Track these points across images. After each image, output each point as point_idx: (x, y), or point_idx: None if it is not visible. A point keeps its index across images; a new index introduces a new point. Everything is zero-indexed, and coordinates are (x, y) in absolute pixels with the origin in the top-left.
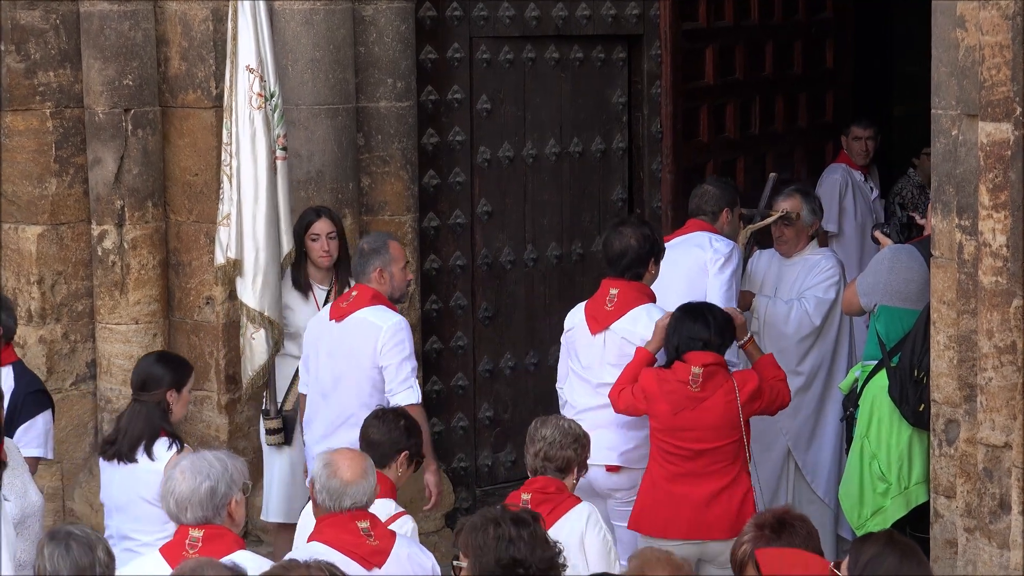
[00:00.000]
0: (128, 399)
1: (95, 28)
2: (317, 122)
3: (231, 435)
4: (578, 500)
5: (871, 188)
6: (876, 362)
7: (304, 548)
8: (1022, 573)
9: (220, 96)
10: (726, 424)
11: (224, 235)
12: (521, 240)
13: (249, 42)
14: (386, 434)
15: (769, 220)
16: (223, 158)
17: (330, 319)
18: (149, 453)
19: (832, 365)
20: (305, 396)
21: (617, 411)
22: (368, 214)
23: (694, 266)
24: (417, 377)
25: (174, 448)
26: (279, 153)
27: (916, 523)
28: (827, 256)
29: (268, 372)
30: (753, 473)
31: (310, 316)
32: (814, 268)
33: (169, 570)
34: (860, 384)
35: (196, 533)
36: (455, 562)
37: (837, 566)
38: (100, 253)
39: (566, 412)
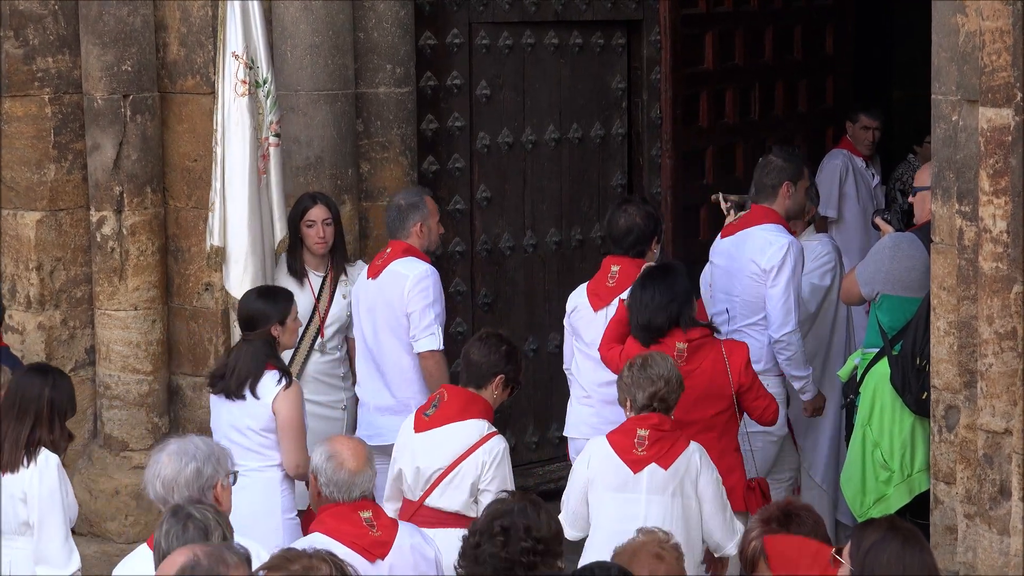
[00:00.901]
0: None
1: (94, 14)
2: (316, 108)
3: None
4: (688, 439)
5: (872, 175)
6: (877, 350)
7: (305, 539)
8: (1022, 559)
9: None
10: (713, 393)
11: (211, 222)
12: (520, 226)
13: (236, 29)
14: (486, 356)
15: None
16: (212, 144)
17: (368, 278)
18: (254, 391)
19: (828, 351)
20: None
21: (609, 367)
22: (367, 200)
23: (750, 278)
24: (442, 325)
25: (282, 383)
26: (272, 140)
27: (916, 510)
28: (823, 242)
29: None
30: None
31: (306, 303)
32: (810, 255)
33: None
34: (860, 372)
35: None
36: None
37: (839, 552)
38: (99, 239)
39: (575, 392)
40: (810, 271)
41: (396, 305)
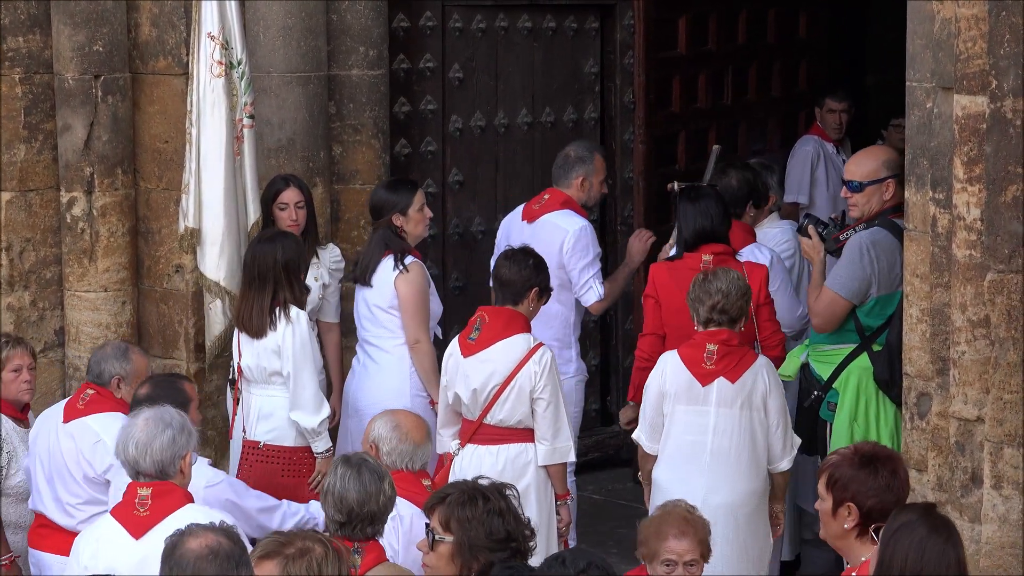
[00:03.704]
0: None
1: None
2: (288, 90)
3: (200, 403)
4: (756, 354)
5: (843, 160)
6: (833, 346)
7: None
8: (993, 547)
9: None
10: None
11: (184, 203)
12: (492, 210)
13: (212, 9)
14: (518, 273)
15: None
16: (186, 126)
17: (522, 219)
18: (377, 274)
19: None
20: None
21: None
22: (339, 183)
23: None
24: (599, 274)
25: (398, 269)
26: (246, 121)
27: None
28: (783, 229)
29: (225, 342)
30: None
31: None
32: (769, 241)
33: (123, 531)
34: (823, 369)
35: (144, 492)
36: (436, 535)
37: (876, 531)
38: (69, 220)
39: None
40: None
41: (551, 256)
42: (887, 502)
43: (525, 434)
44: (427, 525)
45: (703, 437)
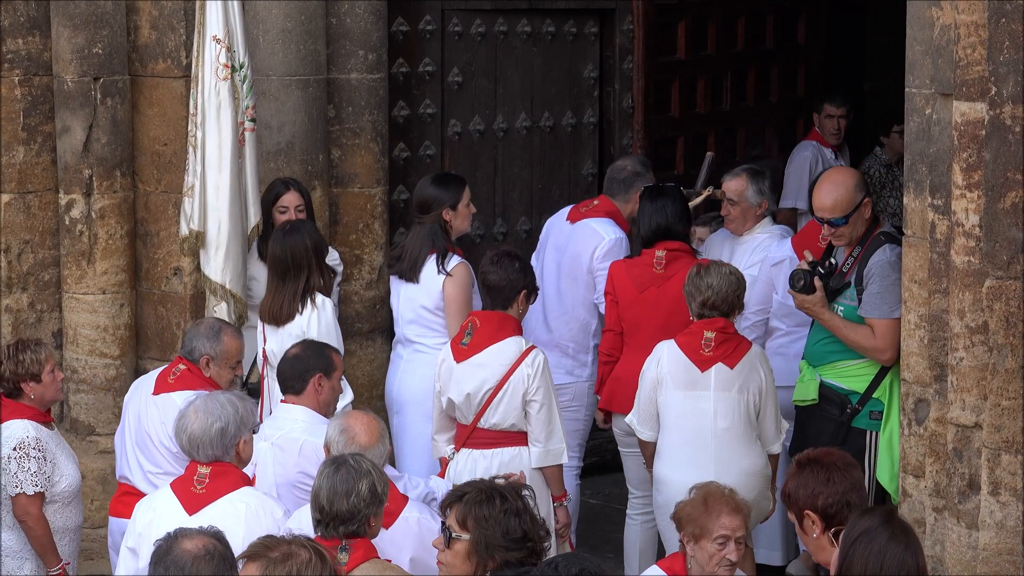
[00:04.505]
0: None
1: None
2: (287, 93)
3: None
4: (751, 342)
5: (841, 165)
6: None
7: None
8: (990, 554)
9: (190, 66)
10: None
11: (188, 206)
12: (491, 214)
13: (216, 12)
14: (506, 277)
15: (697, 200)
16: (189, 128)
17: (566, 219)
18: (423, 272)
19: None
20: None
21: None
22: (338, 186)
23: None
24: None
25: (443, 273)
26: (248, 125)
27: None
28: (773, 235)
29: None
30: None
31: None
32: (759, 247)
33: (179, 505)
34: (857, 383)
35: (204, 470)
36: (452, 533)
37: (836, 535)
38: (67, 222)
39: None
40: (758, 263)
41: (582, 257)
42: (834, 495)
43: (518, 437)
44: (443, 523)
45: (704, 421)
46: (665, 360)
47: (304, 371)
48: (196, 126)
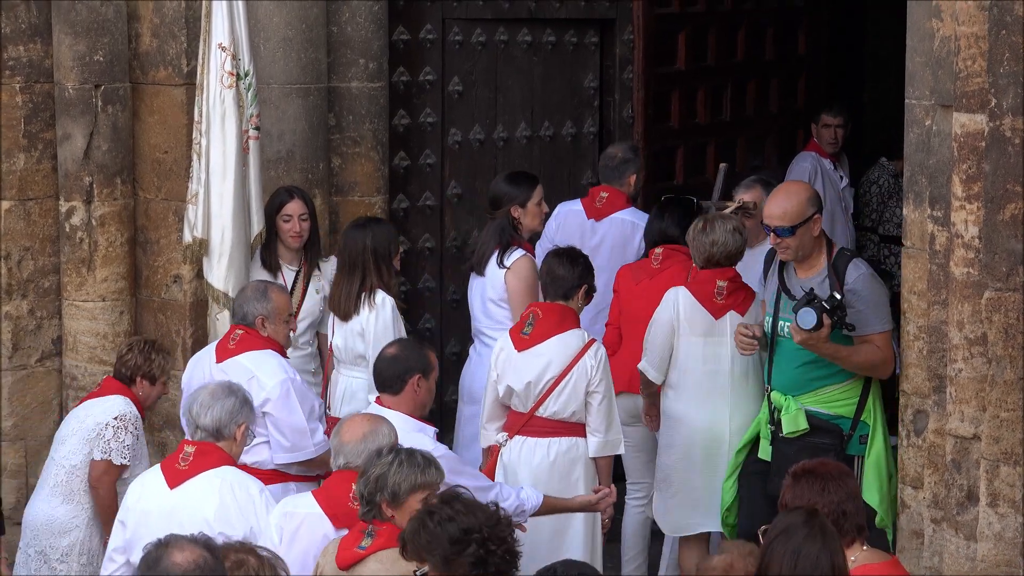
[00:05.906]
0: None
1: (66, 3)
2: (288, 101)
3: None
4: (753, 290)
5: (840, 176)
6: (852, 378)
7: (292, 498)
8: (989, 565)
9: (191, 73)
10: None
11: (192, 214)
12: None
13: (222, 20)
14: (570, 271)
15: (727, 211)
16: (193, 136)
17: (588, 218)
18: (488, 266)
19: None
20: None
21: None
22: (338, 195)
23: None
24: None
25: (503, 266)
26: (252, 133)
27: None
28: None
29: None
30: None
31: None
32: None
33: (163, 480)
34: (846, 408)
35: (189, 449)
36: (417, 572)
37: (763, 532)
38: (68, 229)
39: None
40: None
41: (622, 250)
42: (830, 504)
43: (576, 428)
44: (414, 571)
45: (721, 366)
46: (682, 307)
47: (404, 372)
48: (201, 134)
